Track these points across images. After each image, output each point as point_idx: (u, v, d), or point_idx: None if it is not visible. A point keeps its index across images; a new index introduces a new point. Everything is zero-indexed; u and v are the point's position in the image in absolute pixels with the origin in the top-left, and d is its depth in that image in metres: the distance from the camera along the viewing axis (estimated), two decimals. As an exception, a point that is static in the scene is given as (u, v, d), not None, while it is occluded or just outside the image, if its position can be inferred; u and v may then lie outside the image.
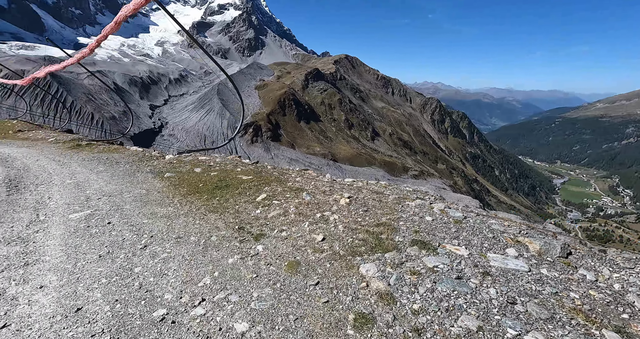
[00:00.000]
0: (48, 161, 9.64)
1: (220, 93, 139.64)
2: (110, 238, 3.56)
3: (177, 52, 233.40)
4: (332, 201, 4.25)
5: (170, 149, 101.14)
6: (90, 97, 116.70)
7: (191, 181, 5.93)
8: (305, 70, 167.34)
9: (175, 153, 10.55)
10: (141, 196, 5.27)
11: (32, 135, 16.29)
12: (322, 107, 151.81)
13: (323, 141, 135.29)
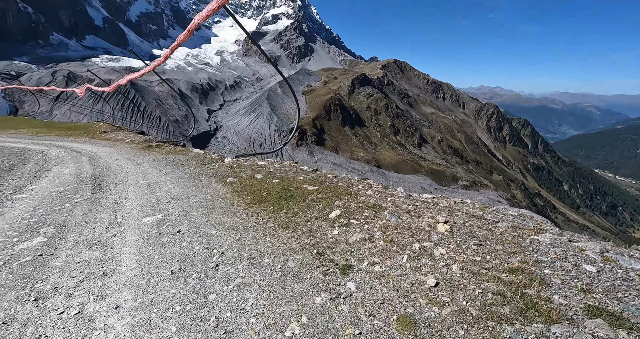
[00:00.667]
0: (125, 160, 10.45)
1: (270, 98, 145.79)
2: (181, 251, 3.37)
3: (233, 60, 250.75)
4: (426, 226, 3.53)
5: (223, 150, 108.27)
6: (159, 102, 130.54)
7: (254, 189, 5.73)
8: (352, 75, 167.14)
9: (234, 157, 10.73)
10: (207, 202, 5.19)
11: (114, 136, 18.17)
12: (367, 113, 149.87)
13: (367, 146, 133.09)
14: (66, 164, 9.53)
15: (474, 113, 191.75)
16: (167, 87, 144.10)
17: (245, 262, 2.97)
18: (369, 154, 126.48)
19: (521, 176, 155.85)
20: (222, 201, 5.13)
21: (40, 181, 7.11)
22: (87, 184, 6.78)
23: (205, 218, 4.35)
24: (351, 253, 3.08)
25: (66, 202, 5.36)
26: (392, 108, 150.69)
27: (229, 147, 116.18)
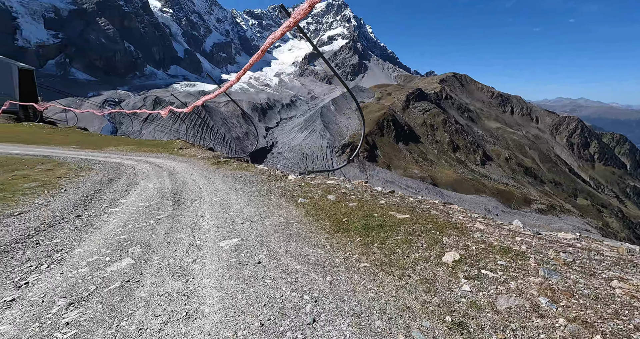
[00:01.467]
0: (198, 176, 11.02)
1: (323, 115, 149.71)
2: (266, 291, 2.91)
3: (290, 80, 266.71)
4: (621, 294, 2.35)
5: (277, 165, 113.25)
6: (224, 121, 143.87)
7: (330, 212, 5.22)
8: (406, 90, 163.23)
9: (298, 174, 10.53)
10: (281, 226, 4.82)
11: (188, 152, 19.84)
12: (423, 128, 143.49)
13: (422, 163, 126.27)
14: (151, 178, 10.33)
15: (550, 128, 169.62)
16: (232, 107, 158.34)
17: (350, 321, 2.33)
18: (424, 171, 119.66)
19: (617, 201, 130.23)
20: (298, 226, 4.70)
21: (130, 195, 7.67)
22: (168, 199, 7.07)
23: (284, 247, 3.92)
24: (513, 333, 2.14)
25: (150, 218, 5.51)
26: (450, 123, 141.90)
27: (283, 162, 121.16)
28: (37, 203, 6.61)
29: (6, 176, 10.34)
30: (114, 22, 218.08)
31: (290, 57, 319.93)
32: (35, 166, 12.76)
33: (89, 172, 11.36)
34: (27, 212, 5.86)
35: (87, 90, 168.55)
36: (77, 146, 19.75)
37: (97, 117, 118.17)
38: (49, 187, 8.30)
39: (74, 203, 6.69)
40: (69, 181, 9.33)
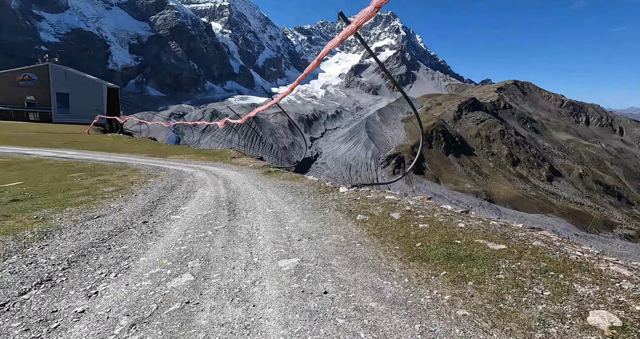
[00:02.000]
0: (250, 185, 11.17)
1: (368, 126, 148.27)
2: (340, 335, 2.43)
3: (336, 92, 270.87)
4: None
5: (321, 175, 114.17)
6: (272, 132, 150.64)
7: (397, 234, 4.60)
8: (458, 100, 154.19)
9: (350, 186, 10.03)
10: (343, 246, 4.35)
11: (240, 161, 20.66)
12: (477, 140, 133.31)
13: (475, 177, 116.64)
14: (207, 186, 10.73)
15: (639, 140, 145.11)
16: (280, 118, 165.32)
17: None
18: (477, 186, 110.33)
19: None
20: (362, 248, 4.18)
21: (189, 202, 7.93)
22: (224, 209, 7.10)
23: (351, 274, 3.43)
24: None
25: (208, 228, 5.48)
26: (509, 135, 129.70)
27: (327, 172, 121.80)
28: (112, 207, 7.11)
29: (92, 181, 11.65)
30: (182, 45, 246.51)
31: (336, 70, 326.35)
32: (114, 171, 14.25)
33: (155, 178, 12.27)
34: (104, 215, 6.30)
35: (158, 105, 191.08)
36: (148, 154, 21.91)
37: (164, 129, 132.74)
38: (123, 192, 9.03)
39: (142, 209, 7.06)
40: (139, 187, 10.10)
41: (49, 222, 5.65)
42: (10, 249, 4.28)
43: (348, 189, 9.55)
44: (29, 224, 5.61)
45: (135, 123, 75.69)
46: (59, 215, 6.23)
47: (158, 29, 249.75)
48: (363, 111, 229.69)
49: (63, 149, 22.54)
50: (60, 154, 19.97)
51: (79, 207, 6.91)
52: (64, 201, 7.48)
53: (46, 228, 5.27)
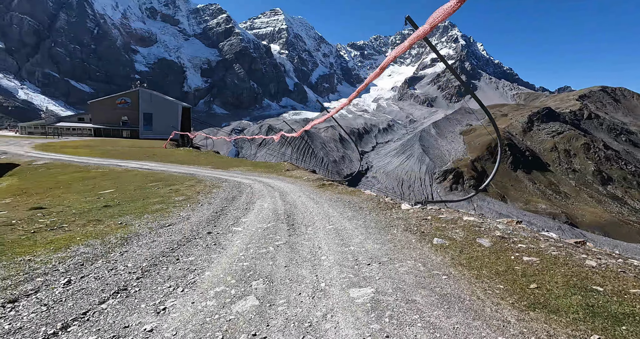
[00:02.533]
0: (306, 198, 10.99)
1: (422, 139, 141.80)
2: None
3: (388, 105, 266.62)
4: None
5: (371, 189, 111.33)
6: (323, 145, 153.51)
7: (495, 268, 3.70)
8: (528, 110, 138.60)
9: (414, 203, 9.13)
10: (424, 278, 3.66)
11: (294, 173, 20.94)
12: (553, 154, 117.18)
13: (552, 196, 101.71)
14: (265, 198, 10.85)
15: None
16: (330, 132, 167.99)
17: None
18: (554, 207, 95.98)
19: None
20: (451, 282, 3.44)
21: (249, 214, 7.98)
22: (283, 222, 6.92)
23: (446, 319, 2.72)
24: None
25: (269, 244, 5.29)
26: (596, 148, 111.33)
27: (378, 186, 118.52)
28: (181, 216, 7.49)
29: (166, 190, 12.79)
30: (244, 66, 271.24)
31: (389, 83, 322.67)
32: (183, 182, 15.50)
33: (218, 189, 12.93)
34: (174, 224, 6.61)
35: (222, 121, 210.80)
36: (212, 166, 23.69)
37: (226, 143, 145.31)
38: (191, 201, 9.58)
39: (207, 219, 7.28)
40: (204, 197, 10.68)
41: (129, 228, 6.09)
42: (97, 254, 4.59)
43: (412, 206, 8.70)
44: (114, 229, 6.11)
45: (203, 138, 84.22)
46: (137, 222, 6.71)
47: (225, 54, 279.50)
48: (417, 123, 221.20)
49: (146, 161, 25.66)
50: (143, 165, 22.70)
51: (154, 215, 7.41)
52: (142, 209, 8.16)
53: (127, 234, 5.65)
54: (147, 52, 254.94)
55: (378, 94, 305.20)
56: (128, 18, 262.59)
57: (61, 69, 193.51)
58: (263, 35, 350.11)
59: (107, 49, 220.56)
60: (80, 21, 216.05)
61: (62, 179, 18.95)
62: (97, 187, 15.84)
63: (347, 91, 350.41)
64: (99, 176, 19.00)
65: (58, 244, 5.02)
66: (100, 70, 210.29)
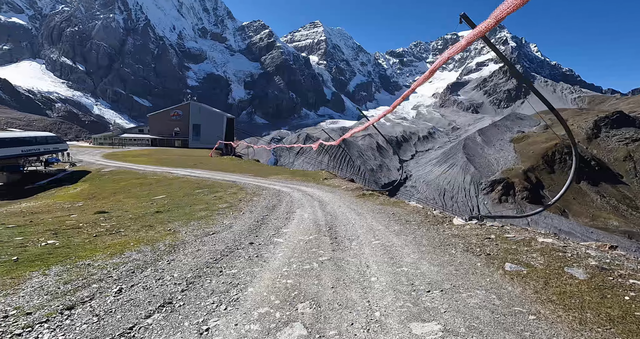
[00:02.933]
0: (347, 208, 10.55)
1: (467, 148, 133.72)
2: None
3: (429, 112, 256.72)
4: None
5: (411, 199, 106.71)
6: (360, 154, 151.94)
7: (605, 311, 2.78)
8: (594, 115, 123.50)
9: (467, 218, 8.21)
10: (504, 316, 2.97)
11: (332, 182, 20.60)
12: (626, 164, 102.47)
13: (627, 212, 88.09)
14: (304, 207, 10.63)
15: None
16: (368, 141, 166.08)
17: None
18: (630, 224, 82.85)
19: None
20: (542, 325, 2.69)
21: (290, 224, 7.79)
22: (325, 235, 6.58)
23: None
24: None
25: (313, 259, 4.97)
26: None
27: (417, 196, 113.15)
28: (224, 224, 7.54)
29: (210, 197, 13.28)
30: (284, 78, 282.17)
31: (429, 89, 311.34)
32: (227, 189, 16.02)
33: (258, 197, 13.06)
34: (218, 232, 6.63)
35: (262, 131, 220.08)
36: (252, 174, 24.40)
37: (266, 151, 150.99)
38: (233, 209, 9.72)
39: (249, 227, 7.22)
40: (246, 204, 10.80)
41: (177, 236, 6.21)
42: (147, 261, 4.66)
43: (465, 220, 7.80)
44: (164, 235, 6.28)
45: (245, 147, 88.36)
46: (184, 229, 6.86)
47: (267, 67, 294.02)
48: (460, 131, 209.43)
49: (194, 169, 27.34)
50: (192, 173, 24.16)
51: (200, 222, 7.56)
52: (189, 215, 8.42)
53: (174, 241, 5.75)
54: (198, 68, 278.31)
55: (418, 101, 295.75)
56: (183, 38, 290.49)
57: (127, 87, 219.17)
58: (303, 47, 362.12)
59: (164, 67, 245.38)
60: (144, 44, 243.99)
61: (124, 185, 20.87)
62: (152, 193, 17.04)
63: (385, 99, 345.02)
64: (154, 183, 20.53)
65: (114, 249, 5.23)
66: (158, 87, 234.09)
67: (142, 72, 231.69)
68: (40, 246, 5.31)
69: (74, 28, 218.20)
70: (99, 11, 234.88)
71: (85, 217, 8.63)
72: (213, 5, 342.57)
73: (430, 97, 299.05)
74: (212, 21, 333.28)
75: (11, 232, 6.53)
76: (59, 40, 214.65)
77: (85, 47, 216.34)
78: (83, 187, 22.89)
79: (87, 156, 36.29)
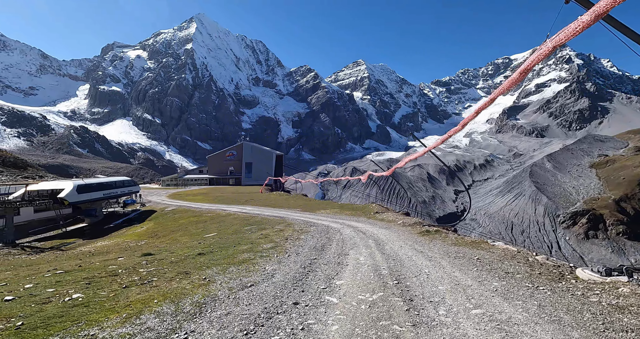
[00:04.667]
0: (410, 249, 8.67)
1: (534, 175, 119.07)
2: None
3: (484, 139, 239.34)
4: None
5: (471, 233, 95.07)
6: (410, 185, 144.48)
7: None
8: None
9: (600, 269, 5.74)
10: None
11: (385, 216, 18.56)
12: None
13: None
14: (359, 248, 9.09)
15: None
16: (417, 171, 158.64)
17: None
18: None
19: None
20: None
21: (343, 272, 6.32)
22: (394, 293, 4.91)
23: None
24: None
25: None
26: None
27: (479, 230, 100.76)
28: (267, 271, 6.39)
29: (257, 235, 12.48)
30: (329, 115, 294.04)
31: (483, 115, 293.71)
32: (274, 225, 15.21)
33: (306, 234, 11.83)
34: (257, 284, 5.53)
35: (309, 166, 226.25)
36: (300, 209, 23.57)
37: (313, 186, 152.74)
38: (278, 250, 8.61)
39: (293, 277, 5.98)
40: (292, 244, 9.64)
41: (210, 288, 5.27)
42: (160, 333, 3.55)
43: (601, 274, 5.40)
44: (197, 286, 5.35)
45: (293, 182, 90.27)
46: (221, 277, 5.89)
47: (313, 106, 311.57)
48: (524, 157, 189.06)
49: (245, 205, 27.73)
50: (243, 209, 24.32)
51: (239, 268, 6.58)
52: (231, 258, 7.54)
53: (204, 298, 4.82)
54: (251, 112, 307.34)
55: (470, 128, 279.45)
56: (239, 87, 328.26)
57: (192, 134, 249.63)
58: (346, 85, 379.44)
59: (223, 114, 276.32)
60: (207, 96, 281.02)
61: (182, 223, 21.60)
62: (205, 230, 17.03)
63: (433, 128, 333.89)
64: (208, 220, 20.86)
65: (133, 308, 4.38)
66: (217, 131, 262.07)
67: (205, 120, 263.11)
68: (62, 302, 4.72)
69: (154, 89, 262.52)
70: (174, 73, 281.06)
71: (129, 261, 8.26)
72: (265, 57, 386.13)
73: (484, 124, 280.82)
74: (264, 70, 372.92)
75: (50, 281, 6.25)
76: (143, 100, 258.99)
77: (162, 103, 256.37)
78: (149, 225, 24.26)
79: (155, 196, 39.81)
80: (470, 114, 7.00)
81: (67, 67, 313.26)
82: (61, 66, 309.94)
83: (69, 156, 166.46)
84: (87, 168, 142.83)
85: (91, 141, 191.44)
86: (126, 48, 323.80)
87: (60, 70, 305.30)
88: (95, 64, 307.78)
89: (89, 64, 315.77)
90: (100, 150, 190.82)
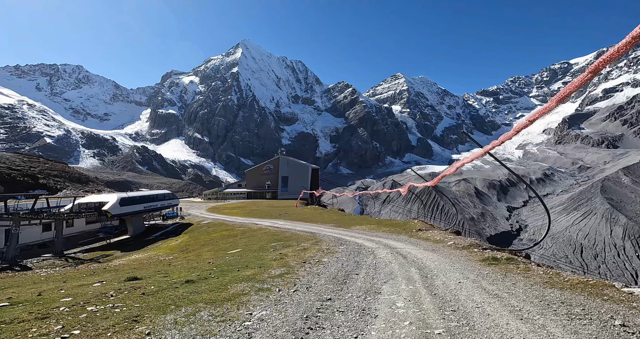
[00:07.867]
0: (477, 289, 6.11)
1: (607, 191, 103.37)
2: None
3: (541, 151, 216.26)
4: None
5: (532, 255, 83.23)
6: (455, 201, 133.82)
7: None
8: None
9: None
10: None
11: (430, 235, 16.04)
12: None
13: None
14: (396, 281, 7.08)
15: None
16: (463, 186, 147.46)
17: None
18: None
19: None
20: None
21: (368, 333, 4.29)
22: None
23: None
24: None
25: None
26: None
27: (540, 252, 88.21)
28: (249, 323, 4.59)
29: (274, 254, 10.98)
30: (367, 129, 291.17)
31: (539, 126, 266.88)
32: (300, 242, 13.64)
33: (331, 256, 10.10)
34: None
35: (347, 180, 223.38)
36: (334, 224, 21.81)
37: (351, 201, 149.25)
38: (286, 279, 7.15)
39: (292, 331, 4.16)
40: (308, 271, 8.03)
41: None
42: None
43: None
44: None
45: (330, 197, 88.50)
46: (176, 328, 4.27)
47: (350, 121, 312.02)
48: (593, 170, 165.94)
49: (277, 219, 26.82)
50: (274, 224, 23.36)
51: (214, 313, 5.00)
52: (219, 291, 6.12)
53: None
54: (291, 129, 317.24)
55: (524, 140, 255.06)
56: (279, 105, 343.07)
57: (236, 151, 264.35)
58: (385, 99, 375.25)
59: (264, 131, 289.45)
60: (250, 114, 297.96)
61: (214, 237, 21.14)
62: (232, 246, 16.09)
63: (480, 140, 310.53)
64: (239, 234, 20.08)
65: None
66: (259, 148, 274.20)
67: (248, 137, 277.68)
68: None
69: (204, 110, 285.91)
70: (221, 95, 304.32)
71: (102, 288, 7.27)
72: (304, 76, 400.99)
73: (540, 134, 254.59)
74: (303, 88, 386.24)
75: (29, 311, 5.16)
76: (194, 120, 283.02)
77: (210, 123, 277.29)
78: (183, 239, 24.26)
79: (195, 209, 41.01)
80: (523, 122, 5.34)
81: (134, 95, 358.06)
82: (129, 94, 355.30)
83: (132, 172, 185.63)
84: (145, 183, 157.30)
85: (150, 159, 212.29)
86: (181, 75, 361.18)
87: (128, 97, 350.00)
88: (156, 90, 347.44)
89: (151, 91, 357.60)
90: (157, 167, 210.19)
